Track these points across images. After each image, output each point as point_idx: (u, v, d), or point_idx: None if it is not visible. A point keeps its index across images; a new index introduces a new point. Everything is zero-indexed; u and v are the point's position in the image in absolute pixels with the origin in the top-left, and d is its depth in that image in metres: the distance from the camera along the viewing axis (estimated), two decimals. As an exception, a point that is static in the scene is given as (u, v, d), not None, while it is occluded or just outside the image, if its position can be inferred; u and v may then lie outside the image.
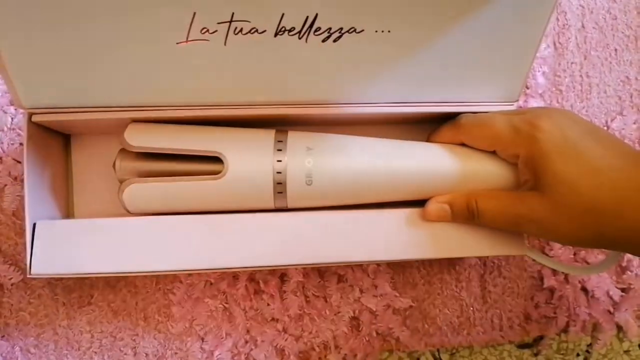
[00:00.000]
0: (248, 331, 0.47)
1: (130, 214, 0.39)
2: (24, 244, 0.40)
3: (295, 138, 0.39)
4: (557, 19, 0.53)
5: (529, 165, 0.36)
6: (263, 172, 0.37)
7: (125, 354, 0.46)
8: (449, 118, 0.41)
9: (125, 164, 0.39)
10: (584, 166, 0.34)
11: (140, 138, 0.38)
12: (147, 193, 0.38)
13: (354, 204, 0.40)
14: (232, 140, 0.39)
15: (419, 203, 0.40)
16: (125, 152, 0.39)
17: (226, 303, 0.47)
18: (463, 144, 0.40)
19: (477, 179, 0.39)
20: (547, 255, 0.49)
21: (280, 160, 0.37)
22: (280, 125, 0.41)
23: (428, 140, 0.43)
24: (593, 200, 0.33)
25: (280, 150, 0.38)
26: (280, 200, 0.39)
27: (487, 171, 0.39)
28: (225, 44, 0.34)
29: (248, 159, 0.38)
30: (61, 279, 0.46)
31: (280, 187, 0.38)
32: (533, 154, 0.35)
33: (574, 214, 0.34)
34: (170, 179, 0.38)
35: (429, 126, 0.44)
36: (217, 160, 0.38)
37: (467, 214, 0.39)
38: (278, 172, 0.37)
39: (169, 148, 0.38)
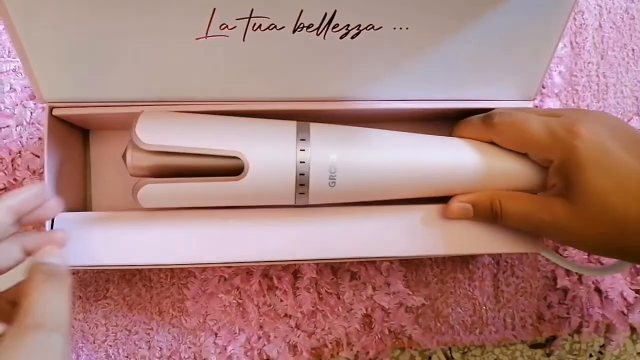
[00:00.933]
0: (261, 327, 0.47)
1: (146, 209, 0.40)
2: (42, 236, 0.41)
3: (317, 133, 0.37)
4: (575, 19, 0.52)
5: (562, 172, 0.35)
6: (285, 172, 0.36)
7: (140, 347, 0.46)
8: (466, 115, 0.41)
9: (137, 157, 0.37)
10: (617, 180, 0.33)
11: (153, 135, 0.36)
12: (163, 194, 0.37)
13: (377, 199, 0.40)
14: (252, 137, 0.37)
15: (435, 200, 0.40)
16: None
17: (240, 299, 0.47)
18: (492, 142, 0.40)
19: (503, 179, 0.39)
20: (561, 255, 0.49)
21: (303, 162, 0.36)
22: (299, 119, 0.41)
23: (453, 132, 0.42)
24: (623, 216, 0.32)
25: (303, 150, 0.36)
26: (302, 199, 0.38)
27: (514, 171, 0.39)
28: (244, 40, 0.34)
29: (270, 159, 0.36)
30: (77, 272, 0.47)
31: (302, 188, 0.37)
32: (568, 161, 0.34)
33: (601, 228, 0.33)
34: (186, 180, 0.36)
35: (446, 124, 0.44)
36: (236, 157, 0.36)
37: (490, 214, 0.38)
38: (301, 174, 0.36)
39: (185, 147, 0.36)
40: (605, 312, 0.50)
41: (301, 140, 0.36)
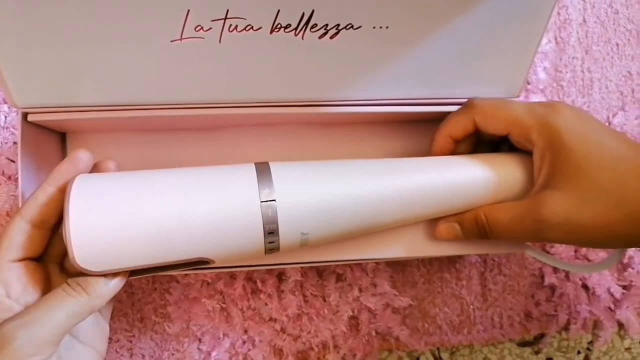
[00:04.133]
0: (246, 331, 0.46)
1: None
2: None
3: (286, 225, 0.33)
4: (559, 14, 0.52)
5: (547, 155, 0.34)
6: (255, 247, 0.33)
7: (122, 355, 0.46)
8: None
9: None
10: (606, 155, 0.32)
11: (97, 259, 0.30)
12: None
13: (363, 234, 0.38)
14: (215, 234, 0.32)
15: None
16: None
17: (223, 303, 0.46)
18: (472, 135, 0.38)
19: (492, 188, 0.37)
20: (547, 252, 0.49)
21: (272, 242, 0.33)
22: (278, 124, 0.41)
23: (436, 134, 0.40)
24: (621, 190, 0.31)
25: (272, 241, 0.33)
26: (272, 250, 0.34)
27: (499, 178, 0.37)
28: (220, 42, 0.33)
29: (236, 254, 0.33)
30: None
31: (272, 244, 0.33)
32: (552, 141, 0.33)
33: (601, 210, 0.31)
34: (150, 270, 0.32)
35: (431, 124, 0.43)
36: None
37: (476, 229, 0.37)
38: (270, 242, 0.33)
39: (142, 266, 0.31)
40: (592, 309, 0.49)
41: (270, 233, 0.32)
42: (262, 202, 0.32)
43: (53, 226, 0.34)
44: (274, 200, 0.32)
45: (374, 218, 0.35)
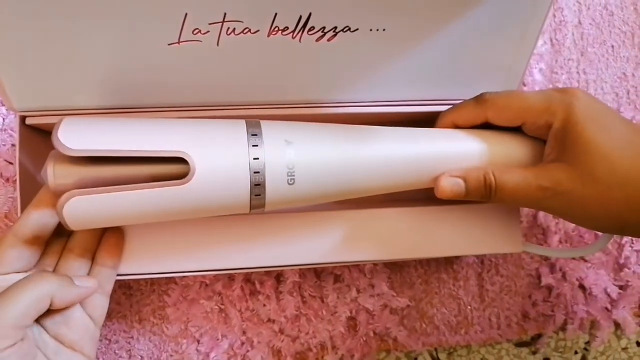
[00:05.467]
0: (244, 332, 0.46)
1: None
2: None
3: (270, 129, 0.33)
4: (554, 16, 0.52)
5: (560, 134, 0.34)
6: (238, 171, 0.31)
7: (120, 356, 0.46)
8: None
9: (61, 170, 0.30)
10: (616, 137, 0.32)
11: (80, 139, 0.30)
12: (95, 208, 0.30)
13: (343, 198, 0.36)
14: (198, 136, 0.32)
15: (417, 203, 0.40)
16: (60, 154, 0.30)
17: (222, 304, 0.46)
18: (482, 125, 0.38)
19: (493, 159, 0.36)
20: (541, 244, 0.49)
21: (257, 158, 0.31)
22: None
23: (440, 120, 0.39)
24: (626, 172, 0.32)
25: (256, 145, 0.32)
26: (258, 201, 0.33)
27: (507, 151, 0.36)
28: (217, 45, 0.33)
29: (219, 156, 0.31)
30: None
31: (258, 188, 0.32)
32: (567, 121, 0.33)
33: (604, 187, 0.32)
34: (121, 189, 0.30)
35: (427, 125, 0.43)
36: (179, 159, 0.31)
37: (483, 189, 0.35)
38: (255, 172, 0.31)
39: (118, 150, 0.30)
40: (589, 309, 0.50)
41: (252, 135, 0.32)
42: (247, 121, 0.33)
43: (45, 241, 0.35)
44: (260, 124, 0.33)
45: (361, 180, 0.35)
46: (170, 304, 0.46)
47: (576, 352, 0.51)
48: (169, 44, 0.33)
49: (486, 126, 0.37)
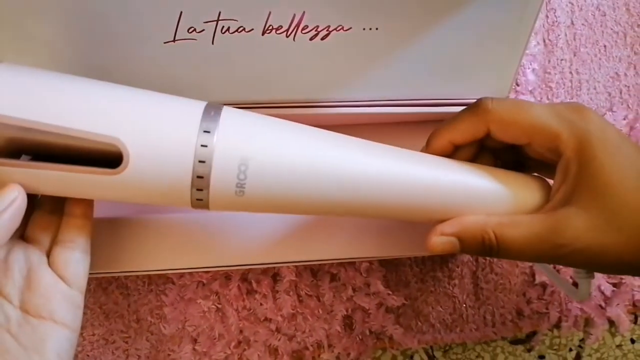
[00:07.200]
0: (241, 331, 0.47)
1: None
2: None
3: (232, 116, 0.29)
4: (547, 16, 0.53)
5: (573, 168, 0.29)
6: (180, 156, 0.27)
7: (118, 356, 0.46)
8: (436, 117, 0.41)
9: None
10: (636, 175, 0.28)
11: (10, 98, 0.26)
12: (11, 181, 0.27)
13: (302, 213, 0.34)
14: (138, 115, 0.27)
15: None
16: None
17: (219, 303, 0.46)
18: (482, 139, 0.34)
19: (495, 200, 0.32)
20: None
21: (205, 145, 0.27)
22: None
23: (434, 137, 0.35)
24: None
25: (208, 131, 0.27)
26: (199, 196, 0.28)
27: (506, 190, 0.32)
28: (212, 43, 0.34)
29: (160, 141, 0.27)
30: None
31: (200, 181, 0.28)
32: (582, 154, 0.29)
33: (626, 237, 0.28)
34: (44, 167, 0.27)
35: (418, 125, 0.43)
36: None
37: (481, 249, 0.31)
38: (201, 161, 0.27)
39: (41, 123, 0.26)
40: (583, 307, 0.50)
41: (207, 118, 0.28)
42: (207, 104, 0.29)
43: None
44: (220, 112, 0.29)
45: (331, 195, 0.30)
46: (168, 304, 0.46)
47: (571, 350, 0.51)
48: (164, 42, 0.33)
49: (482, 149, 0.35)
